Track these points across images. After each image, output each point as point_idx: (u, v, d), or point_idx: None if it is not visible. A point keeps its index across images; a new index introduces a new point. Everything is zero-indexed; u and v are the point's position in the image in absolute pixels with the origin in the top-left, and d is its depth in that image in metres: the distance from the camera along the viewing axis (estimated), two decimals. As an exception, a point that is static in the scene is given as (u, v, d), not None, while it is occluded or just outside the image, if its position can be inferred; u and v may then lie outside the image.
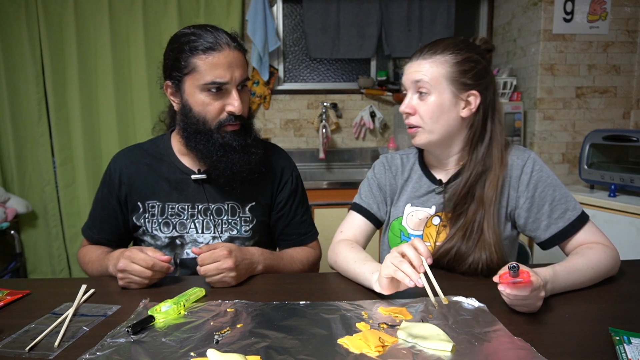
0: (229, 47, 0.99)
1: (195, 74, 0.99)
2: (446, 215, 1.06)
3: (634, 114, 2.53)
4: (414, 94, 1.02)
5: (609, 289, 0.91)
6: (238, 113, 1.01)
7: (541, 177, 1.01)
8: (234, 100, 1.00)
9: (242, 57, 1.03)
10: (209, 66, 0.98)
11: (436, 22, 2.89)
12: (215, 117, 1.02)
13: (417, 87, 1.01)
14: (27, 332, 0.74)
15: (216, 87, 0.99)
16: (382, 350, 0.66)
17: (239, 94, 1.01)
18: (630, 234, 1.93)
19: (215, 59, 0.98)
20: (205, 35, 0.99)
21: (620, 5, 2.42)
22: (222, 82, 0.98)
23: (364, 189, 1.17)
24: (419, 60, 1.01)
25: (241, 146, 1.04)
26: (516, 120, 2.47)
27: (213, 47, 0.98)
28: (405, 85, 1.04)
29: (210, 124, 1.02)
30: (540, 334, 0.71)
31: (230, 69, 0.98)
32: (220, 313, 0.80)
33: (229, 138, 1.03)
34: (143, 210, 1.12)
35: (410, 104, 1.02)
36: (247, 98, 1.07)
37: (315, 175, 2.86)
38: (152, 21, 2.63)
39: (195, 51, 0.98)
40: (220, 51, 0.98)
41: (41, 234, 2.71)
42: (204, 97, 1.00)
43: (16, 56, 2.56)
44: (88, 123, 2.63)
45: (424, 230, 1.08)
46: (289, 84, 2.99)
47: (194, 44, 0.98)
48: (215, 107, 1.01)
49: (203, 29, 1.01)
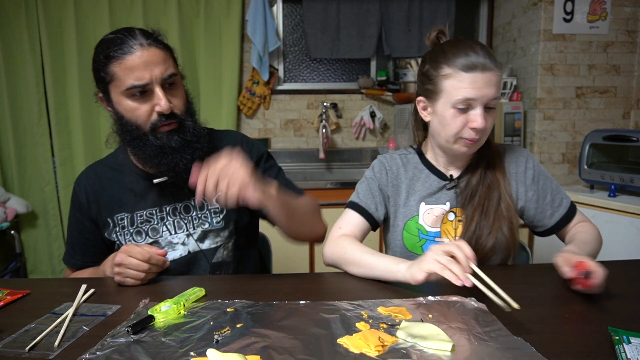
0: (141, 47, 0.96)
1: (115, 81, 0.98)
2: (461, 210, 1.09)
3: (634, 114, 2.53)
4: (482, 109, 0.98)
5: (609, 289, 0.91)
6: (166, 112, 0.99)
7: (541, 171, 1.13)
8: (159, 100, 0.98)
9: (162, 53, 1.00)
10: (125, 71, 0.96)
11: (436, 22, 2.89)
12: (146, 121, 1.00)
13: (489, 103, 0.98)
14: (27, 331, 0.74)
15: (139, 91, 0.97)
16: (381, 350, 0.66)
17: (166, 91, 0.99)
18: (630, 234, 1.93)
19: (129, 62, 0.95)
20: (116, 40, 0.97)
21: (620, 5, 2.42)
22: (142, 84, 0.96)
23: (363, 189, 1.17)
24: (491, 72, 0.97)
25: (181, 145, 1.02)
26: (516, 120, 2.46)
27: (125, 51, 0.96)
28: (475, 98, 0.97)
29: (144, 128, 1.00)
30: (540, 334, 0.71)
31: (148, 69, 0.96)
32: (220, 313, 0.80)
33: (166, 139, 1.01)
34: (113, 225, 1.11)
35: (484, 117, 0.98)
36: (181, 94, 1.04)
37: (315, 175, 2.86)
38: (152, 21, 2.63)
39: (110, 58, 0.96)
40: (132, 53, 0.96)
41: (41, 234, 2.72)
42: (131, 103, 0.98)
43: (16, 56, 2.56)
44: (88, 123, 2.63)
45: (441, 226, 1.10)
46: (289, 84, 2.99)
47: (107, 52, 0.97)
48: (143, 111, 0.99)
49: (117, 33, 0.99)
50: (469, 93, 0.96)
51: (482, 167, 1.11)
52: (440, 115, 1.03)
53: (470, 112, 0.99)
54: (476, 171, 1.11)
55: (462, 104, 0.98)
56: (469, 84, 0.96)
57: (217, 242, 1.13)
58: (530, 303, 0.80)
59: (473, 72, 0.96)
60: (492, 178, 1.09)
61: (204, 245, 1.12)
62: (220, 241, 1.13)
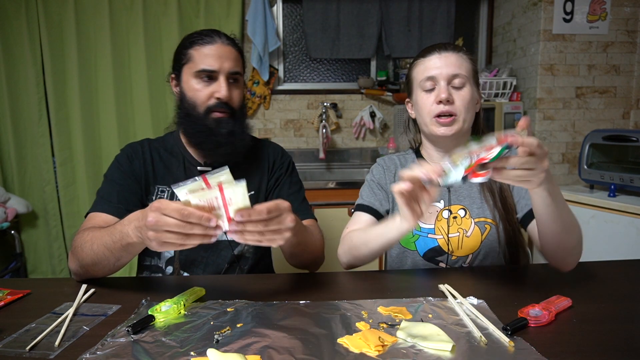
0: (222, 42, 1.12)
1: (190, 63, 1.11)
2: (455, 207, 1.11)
3: (634, 114, 2.53)
4: (447, 86, 1.06)
5: (609, 289, 0.92)
6: (224, 99, 1.10)
7: None
8: (220, 87, 1.10)
9: (235, 53, 1.14)
10: (201, 56, 1.10)
11: (436, 22, 2.89)
12: (204, 102, 1.11)
13: (452, 80, 1.06)
14: (28, 331, 0.74)
15: (207, 75, 1.10)
16: (381, 350, 0.66)
17: (228, 84, 1.11)
18: (630, 234, 1.93)
19: (208, 50, 1.10)
20: (203, 32, 1.13)
21: (620, 6, 2.43)
22: (211, 69, 1.09)
23: (365, 191, 1.20)
24: (448, 53, 1.07)
25: (227, 132, 1.11)
26: (516, 120, 2.46)
27: (206, 41, 1.11)
28: (435, 76, 1.06)
29: (200, 109, 1.11)
30: (540, 334, 0.71)
31: (220, 60, 1.10)
32: (220, 313, 0.80)
33: (215, 124, 1.11)
34: (154, 194, 1.16)
35: (449, 92, 1.05)
36: (239, 92, 1.16)
37: (315, 175, 2.86)
38: (152, 21, 2.63)
39: (193, 44, 1.12)
40: (212, 44, 1.11)
41: (41, 234, 2.71)
42: (196, 84, 1.11)
43: (16, 56, 2.56)
44: (88, 123, 2.63)
45: (435, 224, 1.11)
46: (289, 84, 2.99)
47: (193, 39, 1.13)
48: (204, 93, 1.11)
49: (207, 30, 1.14)
50: (429, 72, 1.07)
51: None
52: (416, 103, 1.13)
53: (435, 90, 1.08)
54: None
55: (426, 83, 1.08)
56: (429, 65, 1.08)
57: None
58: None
59: (431, 55, 1.09)
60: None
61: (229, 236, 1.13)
62: None
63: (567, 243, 0.91)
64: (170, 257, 1.15)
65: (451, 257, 1.10)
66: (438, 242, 1.11)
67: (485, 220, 1.10)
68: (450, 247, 1.10)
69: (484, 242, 1.09)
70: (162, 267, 1.15)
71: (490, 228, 1.09)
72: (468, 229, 1.10)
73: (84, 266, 0.95)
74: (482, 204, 1.11)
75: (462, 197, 1.13)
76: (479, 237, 1.09)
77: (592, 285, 0.92)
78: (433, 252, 1.11)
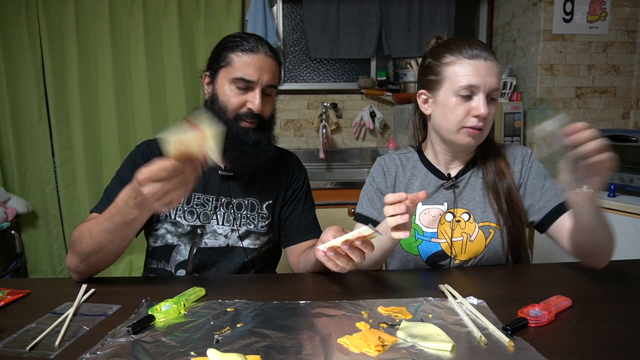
0: (265, 53, 1.09)
1: (229, 67, 1.08)
2: (459, 210, 1.09)
3: (634, 114, 2.53)
4: (484, 97, 0.99)
5: (610, 289, 0.92)
6: (256, 111, 1.08)
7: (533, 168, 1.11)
8: (254, 98, 1.07)
9: (275, 65, 1.11)
10: (242, 63, 1.07)
11: (436, 22, 2.89)
12: (235, 109, 1.09)
13: (492, 92, 1.00)
14: (28, 331, 0.74)
15: (243, 83, 1.07)
16: (381, 350, 0.66)
17: (263, 95, 1.09)
18: (630, 234, 1.93)
19: (249, 59, 1.07)
20: (249, 39, 1.10)
21: (620, 6, 2.43)
22: (249, 79, 1.07)
23: (364, 199, 1.18)
24: (494, 63, 0.99)
25: (253, 141, 1.09)
26: (516, 120, 2.46)
27: (251, 49, 1.08)
28: (478, 85, 0.98)
29: (230, 114, 1.09)
30: (540, 334, 0.71)
31: (260, 71, 1.07)
32: (220, 313, 0.80)
33: (242, 132, 1.09)
34: None
35: (488, 109, 0.99)
36: (271, 104, 1.14)
37: (315, 175, 2.86)
38: (152, 21, 2.63)
39: (235, 49, 1.09)
40: (256, 53, 1.08)
41: (41, 234, 2.71)
42: (231, 90, 1.08)
43: (16, 56, 2.56)
44: (88, 123, 2.63)
45: (438, 227, 1.09)
46: (289, 84, 2.99)
47: (236, 44, 1.09)
48: (237, 100, 1.08)
49: (250, 36, 1.12)
50: (472, 80, 0.98)
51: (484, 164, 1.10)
52: (443, 105, 1.03)
53: (473, 100, 0.99)
54: (477, 169, 1.11)
55: (466, 90, 0.99)
56: (472, 71, 0.98)
57: (256, 244, 1.18)
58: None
59: (476, 60, 0.99)
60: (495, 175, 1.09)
61: (244, 244, 1.17)
62: (258, 244, 1.18)
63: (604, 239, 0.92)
64: (183, 261, 1.14)
65: (454, 261, 1.09)
66: (441, 246, 1.09)
67: (490, 225, 1.08)
68: (454, 251, 1.08)
69: (487, 246, 1.07)
70: (170, 270, 1.14)
71: (495, 232, 1.07)
72: (472, 233, 1.08)
73: (86, 257, 0.94)
74: (486, 208, 1.09)
75: (466, 200, 1.10)
76: (482, 241, 1.07)
77: (592, 285, 0.92)
78: (436, 257, 1.10)
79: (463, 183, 1.11)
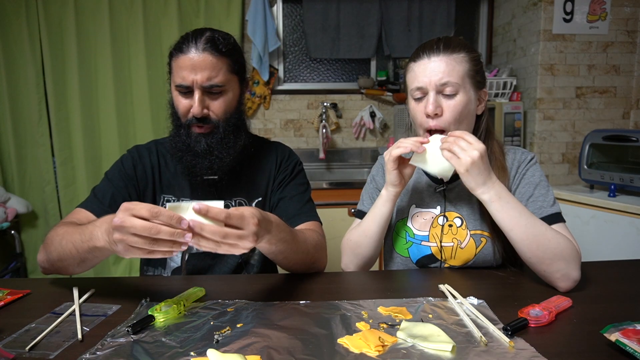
0: (195, 50, 0.99)
1: (172, 74, 1.05)
2: (451, 214, 1.07)
3: (634, 114, 2.53)
4: (437, 95, 0.98)
5: (609, 289, 0.92)
6: (197, 115, 1.02)
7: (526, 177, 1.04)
8: (194, 103, 1.02)
9: (214, 61, 1.00)
10: (177, 68, 1.02)
11: (436, 22, 2.89)
12: (184, 116, 1.05)
13: (443, 89, 0.97)
14: (28, 331, 0.74)
15: (183, 88, 1.02)
16: (382, 350, 0.66)
17: (208, 96, 1.03)
18: (630, 234, 1.93)
19: (181, 61, 1.00)
20: (184, 38, 1.03)
21: (620, 6, 2.43)
22: (184, 84, 1.01)
23: (365, 197, 1.19)
24: (438, 58, 0.97)
25: (204, 150, 1.04)
26: (516, 120, 2.46)
27: (181, 50, 1.01)
28: (423, 86, 0.98)
29: (182, 120, 1.06)
30: (540, 334, 0.71)
31: (193, 72, 0.99)
32: (220, 313, 0.80)
33: (194, 140, 1.05)
34: (157, 203, 1.12)
35: (439, 104, 0.97)
36: (224, 102, 1.05)
37: (315, 175, 2.86)
38: (152, 21, 2.63)
39: (174, 53, 1.03)
40: (186, 54, 1.00)
41: (41, 234, 2.71)
42: (177, 96, 1.05)
43: (16, 56, 2.57)
44: (88, 123, 2.63)
45: (429, 230, 1.08)
46: (289, 84, 2.99)
47: (175, 47, 1.04)
48: (182, 107, 1.04)
49: (188, 34, 1.04)
50: (418, 81, 0.99)
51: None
52: (410, 110, 1.06)
53: (425, 101, 1.00)
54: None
55: (417, 92, 1.00)
56: (419, 73, 0.99)
57: None
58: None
59: (420, 61, 0.99)
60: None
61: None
62: None
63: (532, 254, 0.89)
64: (177, 267, 1.13)
65: (444, 265, 1.07)
66: (431, 249, 1.07)
67: (482, 233, 1.04)
68: (444, 255, 1.06)
69: (477, 254, 1.04)
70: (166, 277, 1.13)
71: (486, 241, 1.04)
72: (463, 240, 1.05)
73: (50, 260, 0.93)
74: (481, 216, 1.05)
75: (460, 205, 1.07)
76: (473, 249, 1.04)
77: (592, 285, 0.92)
78: (426, 260, 1.08)
79: (457, 188, 1.08)
